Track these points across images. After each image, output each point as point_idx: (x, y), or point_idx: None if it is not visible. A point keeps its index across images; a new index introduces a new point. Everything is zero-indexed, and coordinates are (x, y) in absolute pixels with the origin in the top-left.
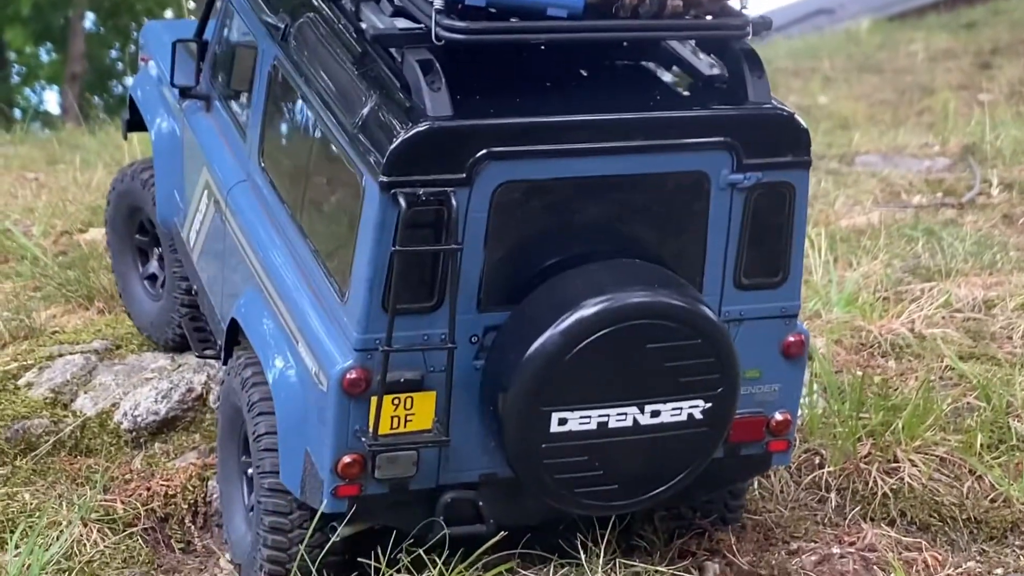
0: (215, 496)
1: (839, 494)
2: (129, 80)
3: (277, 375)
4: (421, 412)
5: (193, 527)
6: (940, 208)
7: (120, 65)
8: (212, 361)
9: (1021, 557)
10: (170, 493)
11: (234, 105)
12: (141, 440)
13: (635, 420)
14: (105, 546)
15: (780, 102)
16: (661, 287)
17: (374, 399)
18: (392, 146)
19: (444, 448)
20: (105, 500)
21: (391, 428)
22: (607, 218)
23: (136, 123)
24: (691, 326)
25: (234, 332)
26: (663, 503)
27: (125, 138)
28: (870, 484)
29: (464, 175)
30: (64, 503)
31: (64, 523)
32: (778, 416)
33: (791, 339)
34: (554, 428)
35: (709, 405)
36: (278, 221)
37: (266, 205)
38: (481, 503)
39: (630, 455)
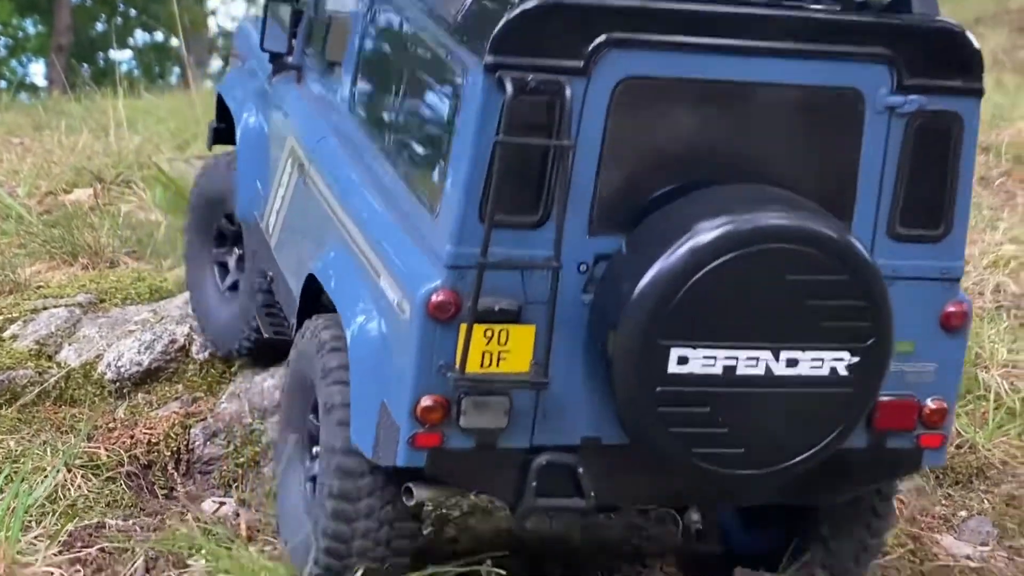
0: (197, 443)
1: None
2: (114, 52)
3: (356, 329)
4: (517, 350)
5: (176, 474)
6: None
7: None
8: (191, 311)
9: (985, 500)
10: (153, 441)
11: (326, 71)
12: (124, 390)
13: (768, 368)
14: (88, 490)
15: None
16: (803, 211)
17: (463, 327)
18: (501, 22)
19: (542, 401)
20: (89, 447)
21: (481, 366)
22: (744, 136)
23: (223, 134)
24: (838, 258)
25: (308, 299)
26: (789, 493)
27: (209, 148)
28: None
29: (581, 63)
30: (48, 450)
31: (48, 468)
32: (931, 403)
33: (952, 308)
34: (672, 368)
35: (856, 360)
36: (366, 163)
37: (354, 152)
38: (581, 471)
39: (760, 412)
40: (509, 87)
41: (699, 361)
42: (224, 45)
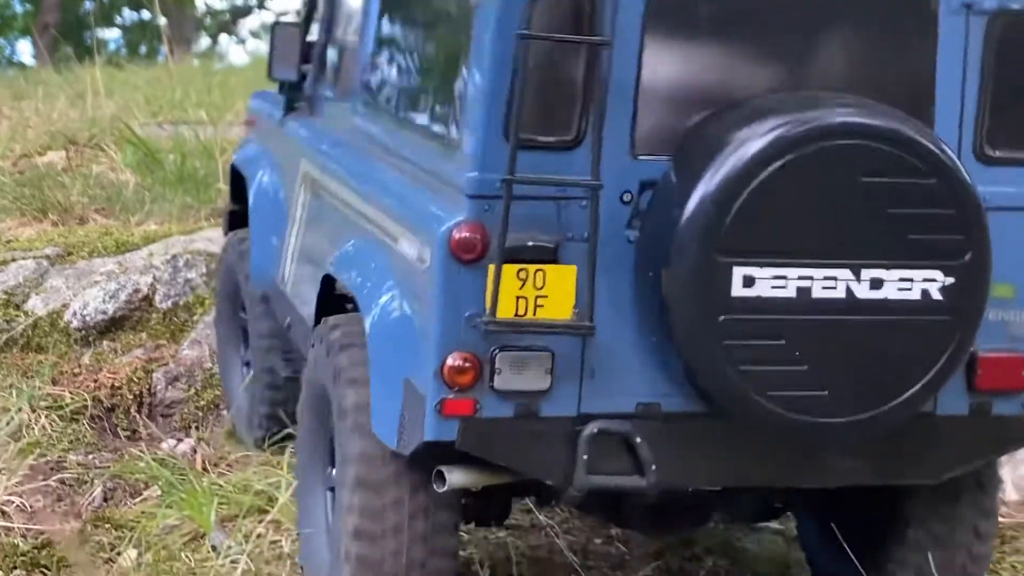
0: (159, 387)
1: None
2: (100, 31)
3: (376, 310)
4: (556, 294)
5: (139, 416)
6: None
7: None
8: (157, 264)
9: None
10: (116, 385)
11: (340, 100)
12: (90, 338)
13: (849, 291)
14: (52, 430)
15: None
16: (887, 110)
17: (492, 267)
18: None
19: (589, 358)
20: (54, 391)
21: (516, 313)
22: (803, 40)
23: (239, 218)
24: (923, 159)
25: (323, 310)
26: (880, 470)
27: (225, 234)
28: None
29: None
30: (14, 392)
31: (13, 409)
32: None
33: None
34: (737, 291)
35: (951, 281)
36: (379, 147)
37: (367, 143)
38: (640, 442)
39: (843, 345)
40: None
41: (768, 282)
42: (211, 24)
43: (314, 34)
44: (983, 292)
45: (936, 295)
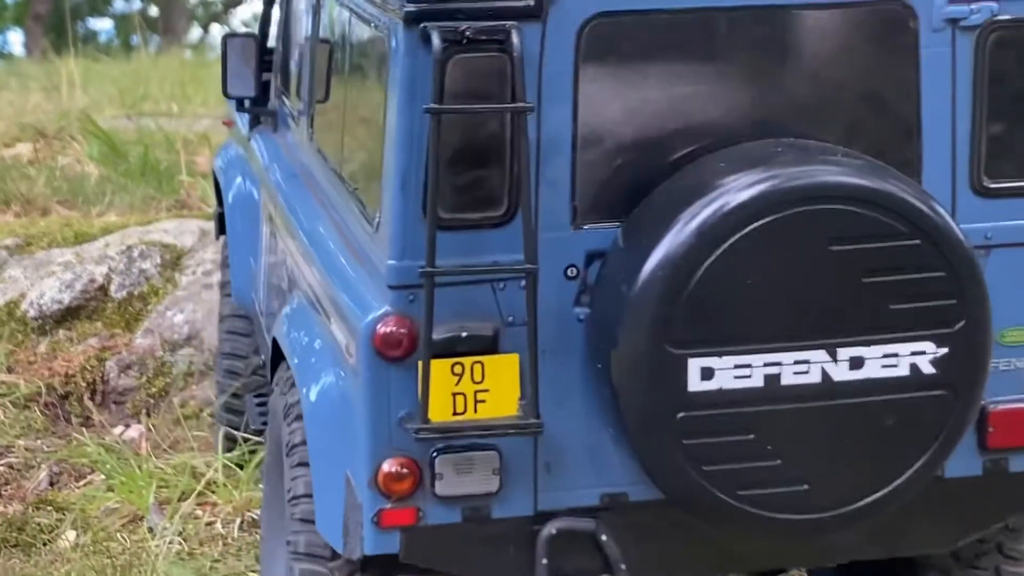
0: (112, 375)
1: None
2: (93, 21)
3: (311, 393)
4: (499, 387)
5: (92, 404)
6: None
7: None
8: (113, 254)
9: None
10: (70, 373)
11: (296, 105)
12: (46, 327)
13: (825, 374)
14: (5, 417)
15: None
16: (847, 164)
17: (421, 364)
18: None
19: (542, 452)
20: (8, 379)
21: (453, 413)
22: (765, 79)
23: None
24: (902, 218)
25: (278, 359)
26: (885, 543)
27: (217, 239)
28: None
29: (532, 2)
30: None
31: None
32: None
33: None
34: (695, 385)
35: (944, 352)
36: (324, 194)
37: (315, 186)
38: (605, 539)
39: (822, 433)
40: (436, 41)
41: (730, 372)
42: (203, 14)
43: (273, 40)
44: (983, 358)
45: (927, 368)
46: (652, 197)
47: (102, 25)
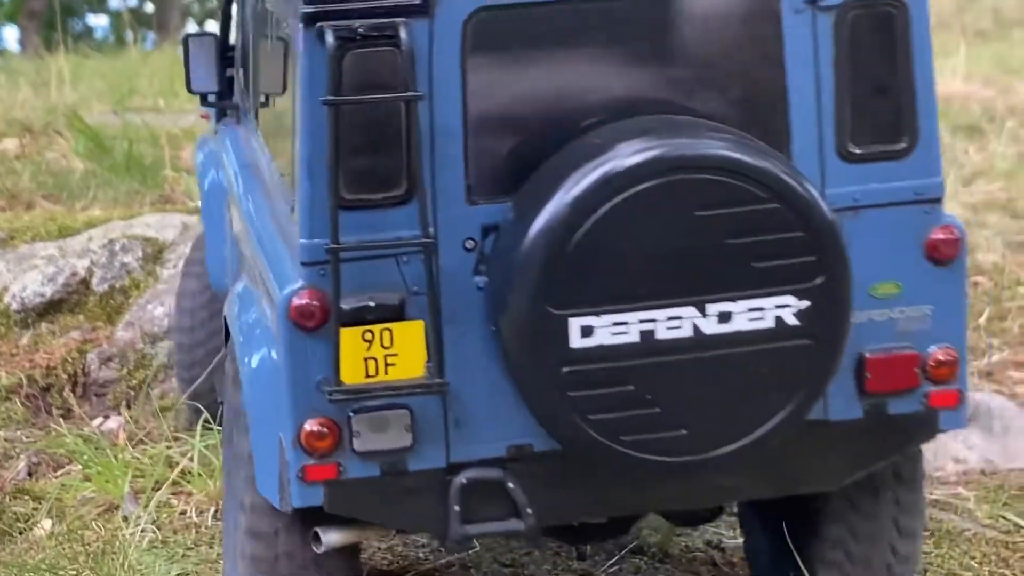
0: (93, 367)
1: None
2: (91, 16)
3: (249, 363)
4: (406, 351)
5: (72, 396)
6: None
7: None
8: (95, 248)
9: None
10: (51, 365)
11: (247, 99)
12: (29, 320)
13: (696, 328)
14: None
15: None
16: (716, 135)
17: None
18: None
19: (451, 408)
20: None
21: (367, 376)
22: (638, 62)
23: None
24: (761, 184)
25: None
26: (774, 483)
27: None
28: None
29: (419, 1)
30: None
31: None
32: (938, 353)
33: (939, 235)
34: (576, 342)
35: (806, 304)
36: (267, 186)
37: (258, 174)
38: (512, 486)
39: (697, 382)
40: (330, 38)
41: (608, 330)
42: (199, 10)
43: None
44: (844, 310)
45: (791, 320)
46: (537, 173)
47: (99, 21)
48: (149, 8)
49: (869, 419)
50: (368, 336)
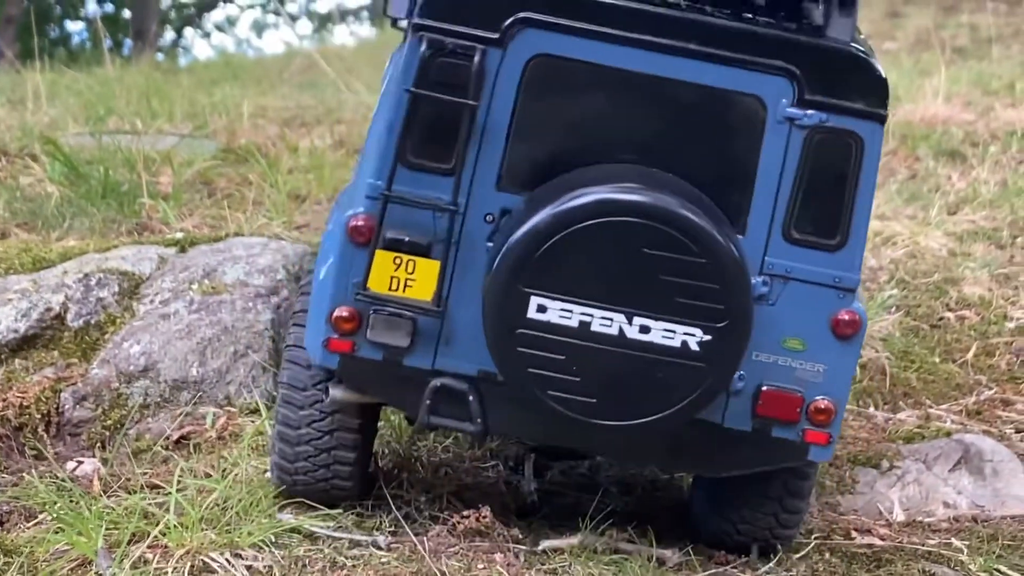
0: (67, 407)
1: None
2: (69, 23)
3: (322, 263)
4: (422, 280)
5: (46, 436)
6: None
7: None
8: (70, 282)
9: None
10: (24, 404)
11: None
12: (2, 357)
13: (621, 330)
14: None
15: (865, 47)
16: (673, 194)
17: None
18: None
19: (445, 329)
20: None
21: (389, 289)
22: (648, 124)
23: None
24: (696, 241)
25: None
26: (666, 459)
27: None
28: None
29: (497, 35)
30: None
31: None
32: (820, 402)
33: (844, 316)
34: (532, 313)
35: (708, 339)
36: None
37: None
38: (471, 399)
39: (612, 369)
40: (424, 46)
41: (556, 312)
42: (176, 18)
43: None
44: (738, 351)
45: (694, 346)
46: (545, 185)
47: (76, 27)
48: (127, 14)
49: (755, 434)
50: (397, 261)
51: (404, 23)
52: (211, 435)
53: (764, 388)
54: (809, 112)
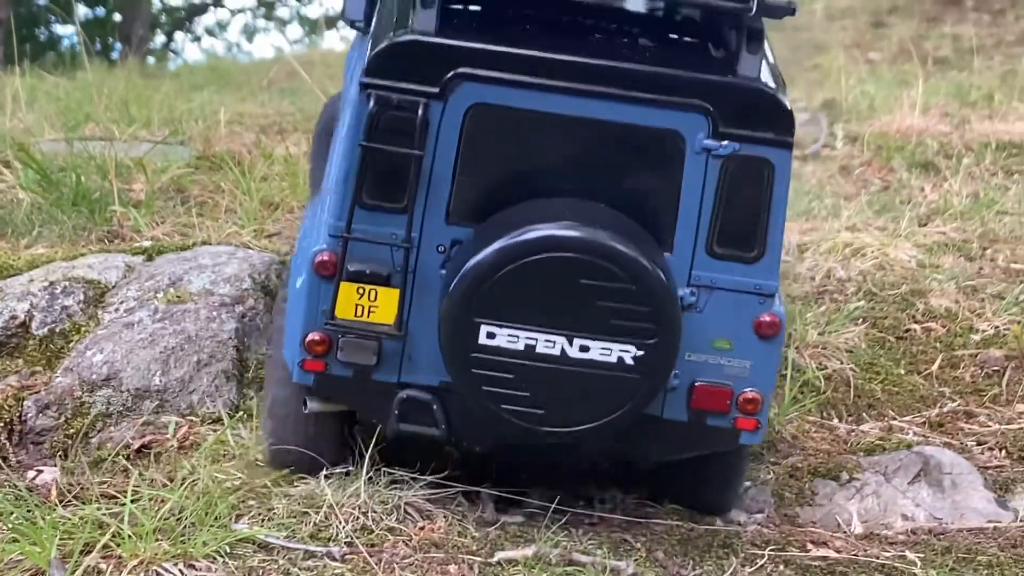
0: (30, 415)
1: None
2: (57, 26)
3: (293, 285)
4: (384, 306)
5: (8, 444)
6: None
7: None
8: (35, 290)
9: (771, 471)
10: None
11: None
12: None
13: (563, 350)
14: None
15: (770, 84)
16: (607, 229)
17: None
18: (374, 52)
19: (407, 348)
20: None
21: (355, 315)
22: (580, 161)
23: None
24: (626, 270)
25: None
26: (616, 452)
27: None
28: None
29: (438, 89)
30: None
31: None
32: (748, 393)
33: (765, 319)
34: (482, 339)
35: (641, 353)
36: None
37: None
38: (435, 407)
39: (557, 384)
40: (371, 102)
41: (505, 337)
42: (166, 21)
43: None
44: (668, 363)
45: (629, 361)
46: (491, 219)
47: (66, 31)
48: (117, 17)
49: (691, 424)
50: (360, 290)
51: (361, 24)
52: (172, 444)
53: (697, 384)
54: (724, 143)
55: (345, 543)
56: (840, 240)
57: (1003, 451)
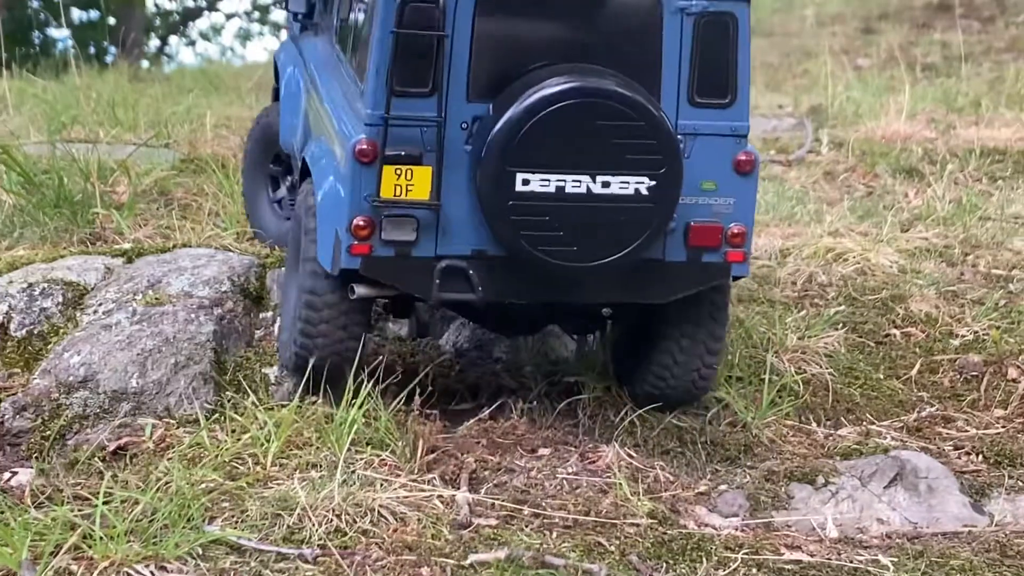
0: (7, 416)
1: (591, 419)
2: (52, 30)
3: (323, 190)
4: (419, 184)
5: None
6: (768, 164)
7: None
8: (13, 292)
9: (747, 475)
10: None
11: (331, 28)
12: None
13: (588, 188)
14: None
15: None
16: (612, 79)
17: (379, 167)
18: None
19: (441, 222)
20: None
21: (394, 194)
22: (578, 31)
23: (277, 93)
24: (634, 110)
25: (304, 173)
26: (627, 291)
27: (272, 103)
28: (620, 413)
29: None
30: None
31: None
32: (734, 228)
33: (742, 157)
34: (519, 187)
35: (654, 183)
36: (341, 75)
37: (335, 69)
38: (472, 273)
39: (586, 220)
40: None
41: (537, 183)
42: (161, 25)
43: None
44: (675, 190)
45: (644, 192)
46: (509, 88)
47: (61, 33)
48: (112, 21)
49: (690, 263)
50: (398, 171)
51: (303, 16)
52: (148, 446)
53: (692, 224)
54: (694, 1)
55: (318, 545)
56: (822, 245)
57: (980, 456)
